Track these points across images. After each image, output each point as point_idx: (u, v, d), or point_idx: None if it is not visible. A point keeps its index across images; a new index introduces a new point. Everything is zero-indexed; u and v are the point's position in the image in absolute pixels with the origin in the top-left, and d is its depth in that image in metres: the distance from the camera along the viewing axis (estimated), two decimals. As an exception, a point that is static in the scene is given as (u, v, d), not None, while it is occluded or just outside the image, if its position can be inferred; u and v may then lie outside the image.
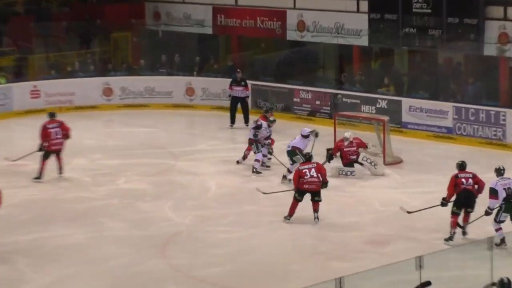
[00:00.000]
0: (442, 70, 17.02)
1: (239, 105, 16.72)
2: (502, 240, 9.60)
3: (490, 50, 15.39)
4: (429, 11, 15.72)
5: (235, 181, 12.96)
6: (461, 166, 10.10)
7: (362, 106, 16.50)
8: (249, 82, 16.94)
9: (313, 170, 10.86)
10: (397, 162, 13.82)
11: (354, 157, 13.19)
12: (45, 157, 12.68)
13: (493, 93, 15.75)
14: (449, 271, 7.78)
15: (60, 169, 12.82)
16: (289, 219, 10.87)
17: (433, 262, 6.78)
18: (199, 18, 19.24)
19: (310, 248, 10.39)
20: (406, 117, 15.98)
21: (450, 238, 9.86)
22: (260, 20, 18.52)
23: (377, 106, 16.34)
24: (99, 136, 16.27)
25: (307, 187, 10.81)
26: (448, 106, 15.32)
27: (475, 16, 15.25)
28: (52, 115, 13.25)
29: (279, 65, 19.38)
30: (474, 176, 10.07)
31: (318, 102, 17.39)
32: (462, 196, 9.74)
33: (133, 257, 9.68)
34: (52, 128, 12.74)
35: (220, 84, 18.07)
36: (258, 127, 13.32)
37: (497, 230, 9.63)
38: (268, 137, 13.52)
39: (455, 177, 9.96)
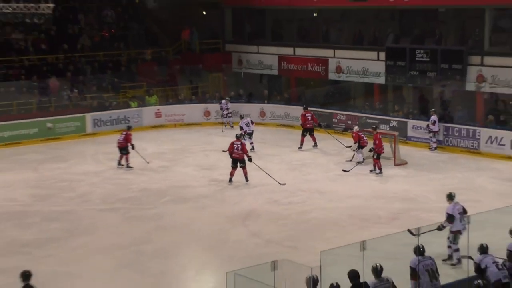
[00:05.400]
0: (437, 102, 18.80)
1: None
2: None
3: (470, 87, 17.17)
4: (428, 59, 17.56)
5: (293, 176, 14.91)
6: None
7: (380, 125, 18.18)
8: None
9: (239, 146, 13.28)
10: (403, 163, 15.75)
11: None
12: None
13: (471, 116, 17.70)
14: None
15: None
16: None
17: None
18: (268, 64, 21.67)
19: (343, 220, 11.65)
20: (410, 133, 18.04)
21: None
22: (310, 65, 20.76)
23: (390, 125, 18.23)
24: (202, 144, 18.36)
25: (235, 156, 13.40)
26: (439, 126, 17.32)
27: (460, 63, 17.08)
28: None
29: (323, 96, 21.39)
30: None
31: (349, 122, 19.41)
32: None
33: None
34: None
35: (283, 109, 20.75)
36: None
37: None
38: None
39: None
